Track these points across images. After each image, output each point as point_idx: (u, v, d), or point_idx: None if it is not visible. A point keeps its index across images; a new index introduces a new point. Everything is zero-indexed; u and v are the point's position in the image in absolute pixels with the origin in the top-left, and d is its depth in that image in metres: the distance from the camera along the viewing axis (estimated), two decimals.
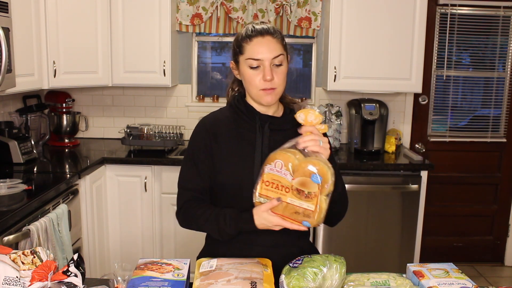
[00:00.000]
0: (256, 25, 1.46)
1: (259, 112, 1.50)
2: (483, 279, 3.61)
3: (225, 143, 1.49)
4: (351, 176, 3.02)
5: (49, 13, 2.84)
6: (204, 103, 3.67)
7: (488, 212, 3.86)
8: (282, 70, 1.44)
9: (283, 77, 1.45)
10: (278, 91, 1.45)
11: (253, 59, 1.42)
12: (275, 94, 1.45)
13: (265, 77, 1.41)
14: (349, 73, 3.24)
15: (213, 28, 3.50)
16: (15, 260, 1.19)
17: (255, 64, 1.42)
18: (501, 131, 3.77)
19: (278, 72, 1.43)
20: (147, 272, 1.23)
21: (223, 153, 1.48)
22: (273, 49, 1.42)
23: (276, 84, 1.43)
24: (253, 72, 1.43)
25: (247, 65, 1.44)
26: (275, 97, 1.46)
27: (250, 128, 1.49)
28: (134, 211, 3.09)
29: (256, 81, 1.43)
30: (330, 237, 3.08)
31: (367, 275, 1.30)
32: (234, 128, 1.51)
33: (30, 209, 2.10)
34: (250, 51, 1.43)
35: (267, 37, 1.43)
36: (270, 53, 1.41)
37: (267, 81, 1.41)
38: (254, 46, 1.42)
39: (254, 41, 1.43)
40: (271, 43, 1.42)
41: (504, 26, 3.62)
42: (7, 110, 3.17)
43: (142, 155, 3.16)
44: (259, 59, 1.41)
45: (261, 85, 1.43)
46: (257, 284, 1.20)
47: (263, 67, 1.42)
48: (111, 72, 3.26)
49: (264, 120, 1.49)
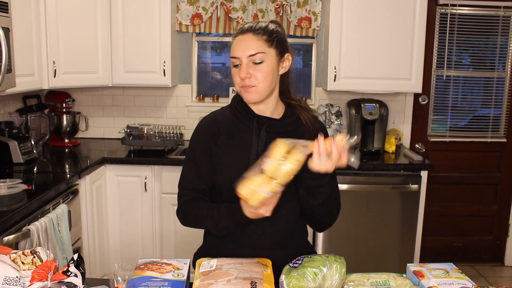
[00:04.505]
0: (246, 24, 1.46)
1: (256, 114, 1.49)
2: (483, 279, 3.61)
3: (223, 144, 1.49)
4: (351, 176, 3.02)
5: (49, 13, 2.84)
6: (204, 103, 3.67)
7: (488, 212, 3.86)
8: (262, 68, 1.42)
9: (264, 75, 1.42)
10: (260, 89, 1.43)
11: (232, 57, 1.44)
12: (256, 92, 1.43)
13: (240, 74, 1.42)
14: (349, 73, 3.24)
15: (213, 28, 3.50)
16: (15, 260, 1.19)
17: (235, 62, 1.44)
18: (501, 131, 3.77)
19: (257, 69, 1.42)
20: (147, 272, 1.23)
21: (220, 154, 1.49)
22: (250, 47, 1.41)
23: (256, 82, 1.42)
24: (235, 70, 1.45)
25: (232, 63, 1.46)
26: (257, 95, 1.44)
27: (248, 130, 1.49)
28: (134, 211, 3.09)
29: (237, 78, 1.44)
30: (330, 237, 3.08)
31: (367, 275, 1.30)
32: (232, 129, 1.50)
33: (30, 209, 2.10)
34: (232, 49, 1.45)
35: (248, 34, 1.43)
36: (246, 51, 1.41)
37: (242, 79, 1.42)
38: (235, 44, 1.44)
39: (236, 39, 1.45)
40: (249, 40, 1.42)
41: (504, 26, 3.62)
42: (7, 110, 3.17)
43: (142, 155, 3.16)
44: (237, 57, 1.43)
45: (240, 82, 1.44)
46: (257, 284, 1.20)
47: (241, 65, 1.42)
48: (111, 72, 3.26)
49: (261, 123, 1.48)
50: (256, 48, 1.41)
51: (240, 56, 1.42)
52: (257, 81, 1.42)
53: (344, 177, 3.00)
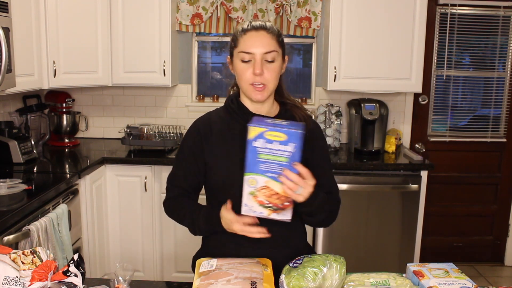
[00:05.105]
0: (253, 22, 1.46)
1: (251, 111, 1.50)
2: (483, 279, 3.61)
3: (217, 143, 1.50)
4: (351, 176, 3.02)
5: (49, 13, 2.84)
6: (204, 103, 3.67)
7: (488, 212, 3.86)
8: (274, 67, 1.43)
9: (274, 75, 1.43)
10: (269, 88, 1.44)
11: (245, 52, 1.41)
12: (266, 91, 1.44)
13: (255, 71, 1.40)
14: (349, 73, 3.24)
15: (213, 28, 3.50)
16: (15, 260, 1.19)
17: (247, 57, 1.41)
18: (501, 131, 3.77)
19: (269, 68, 1.42)
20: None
21: (214, 153, 1.50)
22: (266, 44, 1.41)
23: (267, 80, 1.42)
24: (244, 66, 1.42)
25: (239, 58, 1.43)
26: (266, 94, 1.44)
27: (242, 128, 1.49)
28: (134, 211, 3.09)
29: (247, 74, 1.42)
30: (330, 237, 3.08)
31: (367, 275, 1.30)
32: (226, 128, 1.51)
33: (30, 209, 2.10)
34: (243, 44, 1.42)
35: (261, 31, 1.42)
36: (263, 48, 1.40)
37: (257, 75, 1.40)
38: (247, 40, 1.42)
39: (248, 34, 1.42)
40: (264, 37, 1.41)
41: (504, 26, 3.62)
42: (7, 110, 3.17)
43: (142, 155, 3.16)
44: (251, 53, 1.41)
45: (250, 79, 1.42)
46: (257, 284, 1.20)
47: (254, 61, 1.41)
48: (111, 72, 3.26)
49: None
50: (271, 46, 1.41)
51: (255, 52, 1.40)
52: (268, 80, 1.42)
53: (344, 177, 3.00)
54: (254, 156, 1.27)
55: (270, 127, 1.26)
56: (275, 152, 1.26)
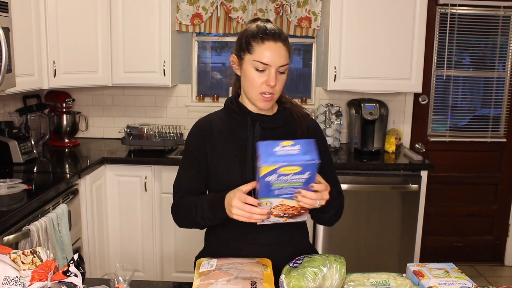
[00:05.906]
0: (267, 25, 1.43)
1: (250, 111, 1.51)
2: (483, 279, 3.61)
3: (218, 143, 1.51)
4: (351, 176, 3.02)
5: (49, 13, 2.84)
6: (204, 103, 3.67)
7: (488, 212, 3.86)
8: (283, 78, 1.45)
9: (282, 85, 1.46)
10: (275, 98, 1.47)
11: (261, 63, 1.40)
12: (273, 100, 1.46)
13: (269, 83, 1.40)
14: (349, 73, 3.24)
15: (213, 28, 3.50)
16: (15, 260, 1.19)
17: (261, 67, 1.41)
18: (501, 131, 3.77)
19: (280, 79, 1.43)
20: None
21: (216, 153, 1.50)
22: (283, 57, 1.41)
23: (276, 91, 1.44)
24: (257, 74, 1.42)
25: (253, 66, 1.42)
26: (272, 103, 1.48)
27: (242, 127, 1.51)
28: (134, 211, 3.09)
29: (258, 83, 1.42)
30: (330, 237, 3.08)
31: (367, 275, 1.30)
32: (226, 128, 1.52)
33: (30, 209, 2.10)
34: (260, 53, 1.40)
35: (279, 43, 1.41)
36: (280, 61, 1.40)
37: (271, 86, 1.41)
38: (265, 50, 1.40)
39: (266, 44, 1.40)
40: (281, 50, 1.41)
41: (504, 26, 3.62)
42: (7, 110, 3.17)
43: (142, 155, 3.16)
44: (268, 64, 1.40)
45: (262, 88, 1.42)
46: (257, 284, 1.20)
47: (269, 72, 1.40)
48: (111, 72, 3.26)
49: (255, 118, 1.50)
50: (286, 59, 1.42)
51: (272, 64, 1.40)
52: (277, 90, 1.44)
53: (344, 177, 3.00)
54: (267, 187, 1.22)
55: (282, 163, 1.17)
56: (290, 180, 1.21)
